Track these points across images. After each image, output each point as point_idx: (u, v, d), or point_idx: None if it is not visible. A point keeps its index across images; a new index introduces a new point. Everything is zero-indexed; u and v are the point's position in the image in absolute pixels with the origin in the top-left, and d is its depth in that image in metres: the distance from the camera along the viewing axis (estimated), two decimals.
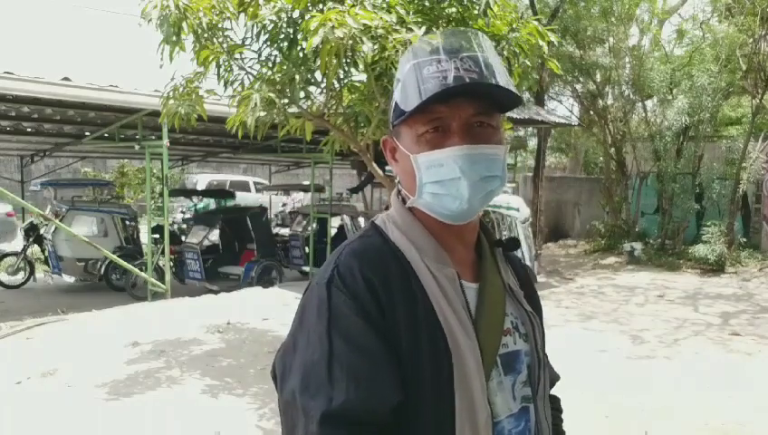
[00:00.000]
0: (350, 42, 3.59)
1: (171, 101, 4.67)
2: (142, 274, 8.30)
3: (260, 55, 4.66)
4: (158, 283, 8.10)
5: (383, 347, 0.83)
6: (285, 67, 4.40)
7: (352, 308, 0.84)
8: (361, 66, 4.04)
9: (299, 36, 4.22)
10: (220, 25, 4.37)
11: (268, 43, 4.45)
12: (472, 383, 0.86)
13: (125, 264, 8.38)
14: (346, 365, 0.81)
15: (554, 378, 1.14)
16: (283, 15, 4.19)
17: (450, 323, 0.87)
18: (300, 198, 16.61)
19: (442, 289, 0.89)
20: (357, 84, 4.80)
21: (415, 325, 0.86)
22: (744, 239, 11.10)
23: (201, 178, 17.61)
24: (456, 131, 0.89)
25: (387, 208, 1.09)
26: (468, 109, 0.89)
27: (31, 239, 9.96)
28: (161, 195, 8.73)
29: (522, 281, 1.07)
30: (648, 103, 12.45)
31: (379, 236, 0.96)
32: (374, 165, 5.55)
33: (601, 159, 13.23)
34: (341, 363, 0.81)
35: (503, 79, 0.89)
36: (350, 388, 0.79)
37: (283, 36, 4.34)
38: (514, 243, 1.07)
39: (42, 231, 9.92)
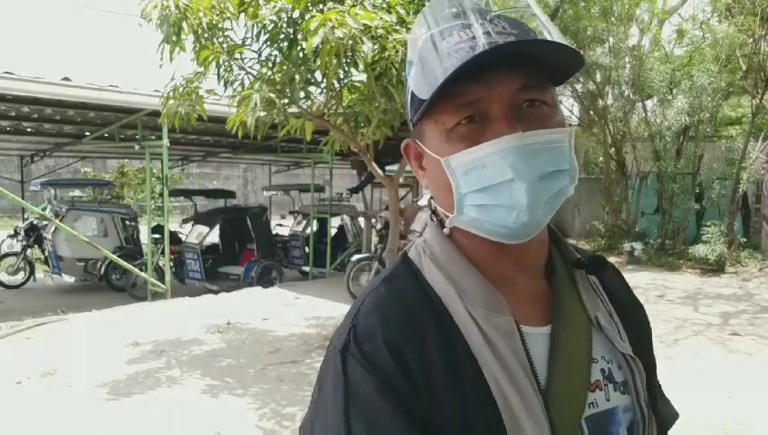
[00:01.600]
0: (350, 42, 3.59)
1: (171, 101, 4.68)
2: (142, 274, 8.31)
3: (260, 55, 4.66)
4: (158, 283, 8.10)
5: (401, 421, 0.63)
6: (285, 67, 4.40)
7: (373, 385, 0.64)
8: (361, 66, 4.04)
9: (299, 36, 4.22)
10: (220, 25, 4.36)
11: (268, 43, 4.45)
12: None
13: (125, 264, 8.38)
14: None
15: (672, 417, 0.86)
16: (283, 15, 4.19)
17: (509, 400, 0.64)
18: None
19: (493, 350, 0.66)
20: (357, 84, 4.80)
21: (463, 404, 0.64)
22: (744, 239, 11.09)
23: None
24: (500, 116, 0.64)
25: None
26: (512, 83, 0.64)
27: (31, 239, 9.96)
28: (161, 195, 8.73)
29: (623, 307, 0.81)
30: (648, 103, 12.45)
31: (410, 276, 0.73)
32: (374, 165, 5.55)
33: (601, 159, 13.22)
34: None
35: (554, 34, 0.66)
36: None
37: (283, 36, 4.34)
38: (600, 263, 0.78)
39: (42, 231, 9.93)
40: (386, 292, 0.71)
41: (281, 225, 13.06)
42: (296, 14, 4.18)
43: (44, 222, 9.55)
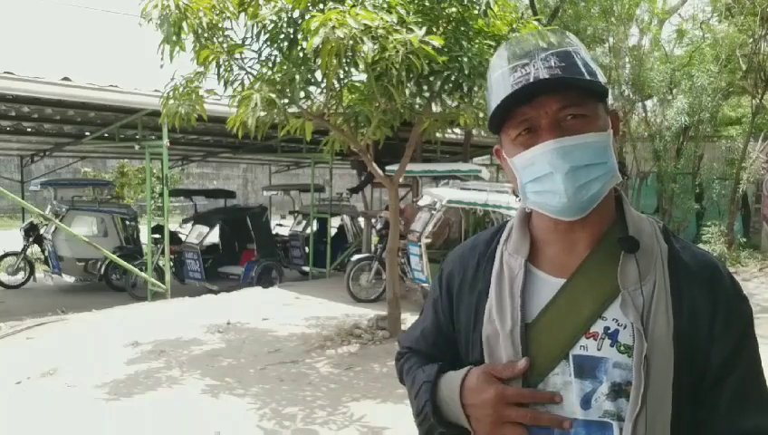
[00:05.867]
0: (351, 42, 3.59)
1: (171, 101, 4.68)
2: (142, 274, 8.30)
3: (260, 55, 4.66)
4: (158, 283, 8.10)
5: (433, 316, 1.12)
6: (285, 67, 4.40)
7: (435, 287, 1.14)
8: (361, 66, 4.04)
9: (299, 36, 4.22)
10: (220, 25, 4.37)
11: (268, 43, 4.45)
12: (498, 352, 0.95)
13: (125, 264, 8.38)
14: (419, 319, 1.20)
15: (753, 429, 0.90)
16: (284, 15, 4.19)
17: (494, 321, 0.96)
18: None
19: (500, 275, 0.99)
20: (357, 84, 4.80)
21: (470, 300, 1.03)
22: (744, 239, 11.10)
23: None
24: (545, 128, 0.89)
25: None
26: (553, 104, 0.88)
27: (31, 239, 9.96)
28: (161, 195, 8.73)
29: (684, 302, 0.90)
30: (648, 103, 12.45)
31: (494, 232, 1.11)
32: (374, 165, 5.55)
33: None
34: (419, 317, 1.20)
35: (583, 70, 0.89)
36: (411, 329, 1.22)
37: (283, 36, 4.34)
38: (631, 244, 0.92)
39: (42, 231, 9.93)
40: (472, 238, 1.14)
41: (281, 225, 13.06)
42: (296, 13, 4.18)
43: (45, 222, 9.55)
